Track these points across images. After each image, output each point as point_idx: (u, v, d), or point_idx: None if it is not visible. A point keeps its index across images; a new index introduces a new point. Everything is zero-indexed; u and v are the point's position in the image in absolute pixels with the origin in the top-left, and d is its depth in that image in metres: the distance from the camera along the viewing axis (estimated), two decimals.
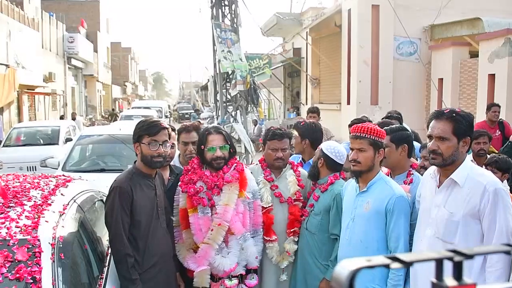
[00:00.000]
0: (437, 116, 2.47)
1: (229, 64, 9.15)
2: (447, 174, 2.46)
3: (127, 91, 54.60)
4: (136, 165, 3.02)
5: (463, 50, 12.08)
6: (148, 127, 2.94)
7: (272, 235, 3.35)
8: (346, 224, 2.97)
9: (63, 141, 11.87)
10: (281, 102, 21.62)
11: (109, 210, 2.86)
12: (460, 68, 11.80)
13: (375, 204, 2.80)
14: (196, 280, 3.12)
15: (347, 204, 3.02)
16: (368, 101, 13.29)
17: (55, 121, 18.21)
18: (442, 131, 2.41)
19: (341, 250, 3.00)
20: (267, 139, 3.49)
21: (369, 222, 2.82)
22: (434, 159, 2.45)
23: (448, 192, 2.45)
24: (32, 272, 2.02)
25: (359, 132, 2.83)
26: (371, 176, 2.86)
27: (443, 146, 2.40)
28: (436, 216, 2.47)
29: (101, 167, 6.91)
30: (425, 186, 2.68)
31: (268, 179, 3.45)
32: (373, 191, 2.85)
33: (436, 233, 2.47)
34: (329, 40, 15.81)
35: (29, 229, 2.23)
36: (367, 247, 2.80)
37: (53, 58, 26.58)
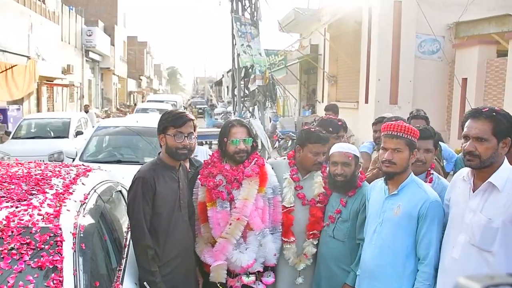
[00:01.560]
0: (474, 115, 2.32)
1: (248, 58, 9.07)
2: (483, 177, 2.30)
3: (142, 84, 54.90)
4: (160, 157, 2.97)
5: (490, 49, 11.56)
6: (173, 118, 2.89)
7: (290, 236, 3.24)
8: (373, 229, 2.79)
9: (73, 134, 11.61)
10: (296, 99, 21.44)
11: (131, 200, 2.81)
12: (487, 67, 11.30)
13: (407, 208, 2.63)
14: (213, 275, 3.05)
15: (374, 207, 2.84)
16: (387, 100, 12.96)
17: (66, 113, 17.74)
18: (480, 131, 2.26)
19: (367, 255, 2.82)
20: (309, 142, 3.27)
21: (399, 227, 2.65)
22: (470, 160, 2.29)
23: (485, 196, 2.29)
24: (53, 261, 1.97)
25: (395, 131, 2.66)
26: (403, 178, 2.69)
27: (482, 148, 2.25)
28: (471, 222, 2.31)
29: (117, 159, 6.92)
30: (456, 190, 2.53)
31: (294, 179, 3.33)
32: (404, 194, 2.67)
33: (471, 239, 2.31)
34: (348, 37, 15.54)
35: (51, 217, 2.19)
36: (395, 253, 2.65)
37: (72, 51, 26.86)
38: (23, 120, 12.37)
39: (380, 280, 2.68)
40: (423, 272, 2.54)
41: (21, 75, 15.34)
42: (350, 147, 3.22)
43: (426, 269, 2.53)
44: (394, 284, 2.63)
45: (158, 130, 2.94)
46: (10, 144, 10.76)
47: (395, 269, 2.63)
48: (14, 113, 15.08)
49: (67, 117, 12.54)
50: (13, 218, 2.10)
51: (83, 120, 13.08)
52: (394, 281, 2.63)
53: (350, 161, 3.12)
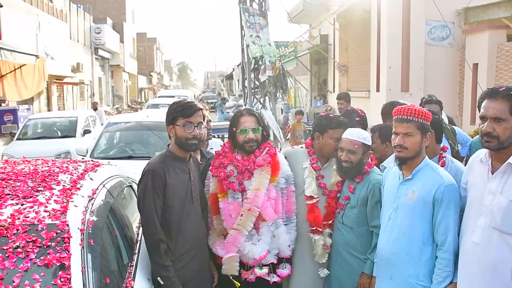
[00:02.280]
0: (491, 95, 2.24)
1: (257, 49, 8.98)
2: (502, 159, 2.23)
3: (153, 81, 55.03)
4: (169, 148, 2.90)
5: (500, 33, 11.59)
6: (182, 108, 2.82)
7: (321, 227, 3.17)
8: (388, 215, 2.72)
9: (80, 133, 11.19)
10: (308, 90, 21.33)
11: (141, 194, 2.74)
12: (497, 52, 11.32)
13: (422, 193, 2.56)
14: (225, 267, 3.00)
15: (389, 193, 2.77)
16: (399, 88, 12.94)
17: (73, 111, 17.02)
18: (498, 111, 2.19)
19: (382, 242, 2.76)
20: (329, 127, 3.21)
21: (414, 212, 2.58)
22: (488, 142, 2.22)
23: (505, 178, 2.21)
24: (60, 258, 1.91)
25: (405, 114, 2.59)
26: (417, 162, 2.63)
27: (500, 128, 2.18)
28: (491, 204, 2.24)
29: (128, 154, 6.90)
30: (473, 172, 2.44)
31: (315, 168, 3.26)
32: (419, 179, 2.61)
33: (491, 222, 2.23)
34: (358, 26, 15.41)
35: (58, 213, 2.13)
36: (411, 239, 2.58)
37: (81, 49, 26.97)
38: (28, 120, 11.94)
39: (396, 267, 2.63)
40: (443, 259, 2.48)
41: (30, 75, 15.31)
42: (360, 134, 3.13)
43: (445, 255, 2.47)
44: (411, 271, 2.57)
45: (166, 121, 2.87)
46: (15, 145, 10.49)
47: (412, 256, 2.57)
48: (25, 113, 14.91)
49: (74, 116, 12.09)
50: (18, 216, 2.05)
51: (91, 119, 12.66)
52: (411, 267, 2.57)
53: (356, 149, 3.06)
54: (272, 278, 3.07)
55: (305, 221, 3.20)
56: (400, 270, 2.61)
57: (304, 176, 3.23)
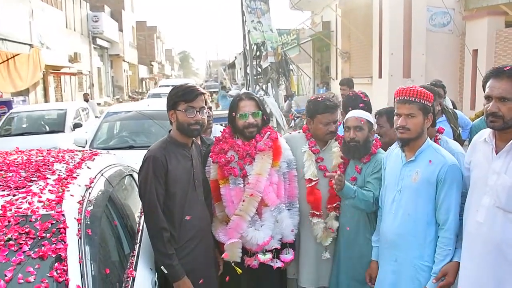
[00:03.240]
0: (496, 74, 2.21)
1: (259, 35, 8.86)
2: (506, 138, 2.22)
3: (154, 70, 54.79)
4: (170, 134, 2.82)
5: (499, 20, 11.67)
6: (184, 92, 2.72)
7: (319, 210, 3.15)
8: (392, 197, 2.71)
9: (70, 128, 10.18)
10: (310, 78, 21.21)
11: (142, 181, 2.65)
12: (496, 38, 11.45)
13: (425, 173, 2.56)
14: (227, 253, 2.95)
15: (391, 175, 2.76)
16: (400, 74, 12.92)
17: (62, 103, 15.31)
18: (503, 90, 2.16)
19: (386, 224, 2.75)
20: (318, 113, 3.19)
21: (418, 193, 2.58)
22: (493, 122, 2.20)
23: (509, 157, 2.21)
24: (56, 249, 1.84)
25: (407, 95, 2.57)
26: (419, 143, 2.63)
27: (505, 108, 2.16)
28: (495, 184, 2.23)
29: (129, 144, 6.80)
30: (477, 152, 2.43)
31: (313, 151, 3.23)
32: (422, 160, 2.61)
33: (496, 202, 2.22)
34: (360, 12, 15.29)
35: (52, 203, 2.06)
36: (416, 221, 2.59)
37: (78, 38, 26.65)
38: (9, 113, 10.67)
39: (401, 249, 2.63)
40: (444, 238, 2.51)
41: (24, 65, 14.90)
42: (364, 113, 3.14)
43: (446, 234, 2.50)
44: (416, 252, 2.58)
45: (167, 106, 2.78)
46: None
47: (416, 237, 2.58)
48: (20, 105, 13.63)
49: (62, 108, 10.93)
50: (9, 207, 1.97)
51: (83, 111, 11.59)
52: (416, 249, 2.58)
53: (362, 125, 3.05)
54: (276, 264, 3.02)
55: (308, 206, 3.17)
56: (405, 252, 2.62)
57: (303, 160, 3.20)
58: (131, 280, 2.31)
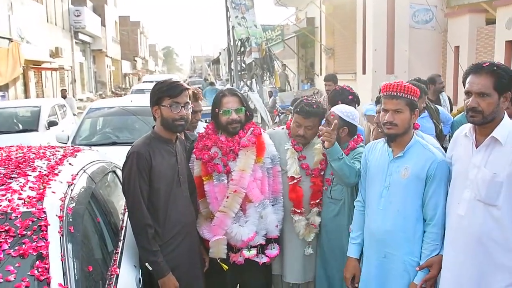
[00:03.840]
0: (475, 70, 2.25)
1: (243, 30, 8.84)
2: (486, 133, 2.27)
3: (137, 66, 54.26)
4: (154, 130, 2.79)
5: (479, 17, 11.78)
6: (168, 88, 2.70)
7: (300, 207, 3.15)
8: (379, 193, 2.68)
9: (44, 126, 9.51)
10: (295, 74, 21.24)
11: (126, 177, 2.62)
12: (477, 35, 11.59)
13: (415, 170, 2.55)
14: (212, 250, 2.95)
15: (377, 170, 2.72)
16: (384, 70, 13.01)
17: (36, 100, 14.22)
18: (482, 86, 2.21)
19: (374, 221, 2.70)
20: (295, 111, 3.23)
21: (408, 190, 2.57)
22: (473, 117, 2.24)
23: (488, 151, 2.25)
24: (38, 247, 1.81)
25: (394, 91, 2.56)
26: (406, 139, 2.62)
27: (484, 103, 2.20)
28: (476, 178, 2.27)
29: (112, 140, 6.73)
30: (458, 147, 2.47)
31: (296, 149, 3.23)
32: (411, 156, 2.59)
33: (476, 195, 2.26)
34: (344, 8, 15.36)
35: (33, 200, 2.02)
36: (406, 217, 2.57)
37: (59, 33, 26.18)
38: None
39: (389, 246, 2.61)
40: (431, 233, 2.52)
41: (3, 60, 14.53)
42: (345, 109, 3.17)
43: (434, 230, 2.51)
44: (406, 248, 2.57)
45: (151, 101, 2.74)
46: None
47: (406, 233, 2.57)
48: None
49: (36, 105, 10.12)
50: None
51: (59, 108, 10.83)
52: (406, 245, 2.57)
53: (331, 119, 3.04)
54: (261, 259, 3.03)
55: (290, 202, 3.18)
56: (394, 249, 2.60)
57: (286, 157, 3.20)
58: (115, 277, 2.29)
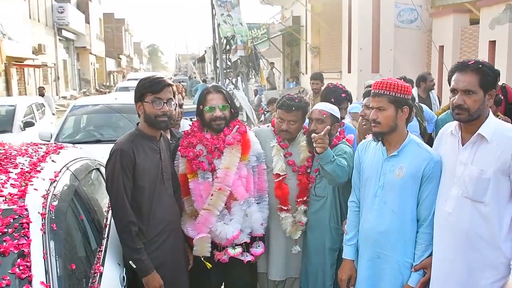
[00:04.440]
0: (461, 68, 2.28)
1: (229, 28, 8.83)
2: (472, 130, 2.29)
3: (122, 64, 53.76)
4: (138, 127, 2.76)
5: (463, 17, 11.97)
6: (151, 84, 2.68)
7: (287, 205, 3.15)
8: (373, 192, 2.63)
9: (19, 127, 9.03)
10: (280, 72, 21.27)
11: (109, 175, 2.59)
12: (461, 35, 11.77)
13: (410, 169, 2.50)
14: (196, 248, 2.93)
15: (371, 169, 2.67)
16: (369, 69, 13.12)
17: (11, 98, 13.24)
18: (468, 83, 2.23)
19: (368, 221, 2.65)
20: (278, 106, 3.24)
21: (404, 190, 2.52)
22: (459, 114, 2.26)
23: (475, 148, 2.28)
24: (19, 245, 1.77)
25: (377, 88, 2.55)
26: (399, 138, 2.57)
27: (470, 100, 2.23)
28: (462, 175, 2.29)
29: (96, 138, 6.65)
30: (443, 144, 2.49)
31: (282, 146, 3.23)
32: (405, 155, 2.54)
33: (464, 192, 2.29)
34: (330, 7, 15.42)
35: (15, 198, 1.98)
36: (400, 218, 2.53)
37: (42, 29, 25.77)
38: None
39: (383, 246, 2.58)
40: (424, 233, 2.50)
41: None
42: (330, 106, 3.18)
43: (427, 230, 2.49)
44: (399, 250, 2.54)
45: (135, 98, 2.73)
46: None
47: (401, 234, 2.53)
48: None
49: (11, 104, 9.53)
50: None
51: (37, 107, 10.25)
52: (400, 246, 2.54)
53: (324, 118, 3.08)
54: (246, 258, 3.02)
55: (277, 200, 3.18)
56: (388, 249, 2.57)
57: (272, 154, 3.20)
58: (98, 275, 2.26)
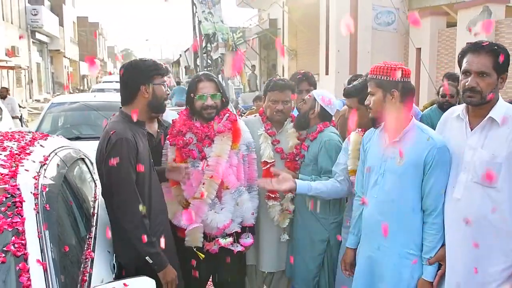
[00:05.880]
0: (475, 49, 2.18)
1: (210, 25, 8.83)
2: (481, 114, 2.20)
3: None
4: (126, 112, 2.54)
5: (440, 20, 12.17)
6: (157, 66, 2.54)
7: (275, 193, 3.13)
8: (373, 180, 2.51)
9: None
10: (257, 75, 21.32)
11: (115, 167, 2.34)
12: (438, 37, 11.95)
13: (411, 156, 2.36)
14: (188, 239, 2.87)
15: (373, 156, 2.56)
16: (347, 71, 13.19)
17: None
18: (482, 65, 2.14)
19: (368, 210, 2.55)
20: (267, 90, 3.23)
21: (404, 178, 2.38)
22: (471, 97, 2.17)
23: (485, 132, 2.19)
24: (13, 223, 1.71)
25: (369, 73, 2.49)
26: (399, 124, 2.42)
27: (483, 83, 2.14)
28: (472, 159, 2.20)
29: (75, 135, 6.55)
30: (450, 129, 2.38)
31: (269, 133, 3.22)
32: (406, 141, 2.40)
33: (473, 177, 2.20)
34: (307, 9, 15.54)
35: (6, 178, 1.92)
36: (400, 207, 2.39)
37: (15, 31, 25.24)
38: None
39: (383, 237, 2.44)
40: (434, 224, 2.34)
41: None
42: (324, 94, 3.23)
43: (437, 220, 2.34)
44: (401, 240, 2.40)
45: (139, 80, 2.51)
46: None
47: (401, 224, 2.39)
48: None
49: None
50: None
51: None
52: (401, 237, 2.41)
53: (307, 99, 3.19)
54: (236, 248, 2.99)
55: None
56: (389, 240, 2.42)
57: (259, 142, 3.19)
58: (90, 260, 2.20)
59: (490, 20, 9.63)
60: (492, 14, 9.89)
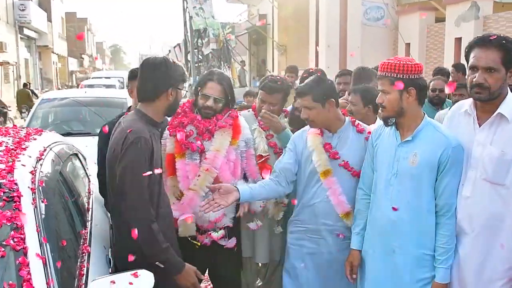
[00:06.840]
0: (482, 43, 2.10)
1: (201, 21, 8.82)
2: (490, 109, 2.14)
3: (84, 63, 52.56)
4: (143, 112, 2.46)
5: (429, 15, 12.30)
6: (183, 73, 2.63)
7: None
8: (387, 180, 2.41)
9: None
10: (247, 71, 21.33)
11: (129, 167, 2.26)
12: (427, 33, 12.05)
13: (425, 155, 2.28)
14: (181, 229, 2.87)
15: (384, 155, 2.45)
16: (337, 66, 13.21)
17: None
18: (491, 61, 2.07)
19: (381, 211, 2.44)
20: (259, 88, 3.27)
21: (419, 178, 2.30)
22: (479, 93, 2.10)
23: (493, 128, 2.14)
24: (11, 218, 1.73)
25: (381, 70, 2.35)
26: (412, 122, 2.34)
27: (492, 79, 2.07)
28: (481, 156, 2.15)
29: (66, 131, 6.52)
30: (457, 125, 2.32)
31: (263, 128, 3.24)
32: (420, 140, 2.31)
33: (482, 174, 2.15)
34: (297, 5, 15.57)
35: (3, 173, 1.93)
36: (416, 208, 2.32)
37: (3, 27, 24.95)
38: None
39: (396, 238, 2.37)
40: (449, 224, 2.28)
41: None
42: None
43: (451, 221, 2.28)
44: (414, 241, 2.34)
45: (172, 81, 2.46)
46: None
47: (415, 225, 2.32)
48: None
49: None
50: None
51: None
52: (414, 238, 2.33)
53: None
54: (227, 243, 3.01)
55: None
56: (401, 241, 2.36)
57: (254, 137, 3.20)
58: (87, 255, 2.23)
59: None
60: (480, 9, 10.00)
